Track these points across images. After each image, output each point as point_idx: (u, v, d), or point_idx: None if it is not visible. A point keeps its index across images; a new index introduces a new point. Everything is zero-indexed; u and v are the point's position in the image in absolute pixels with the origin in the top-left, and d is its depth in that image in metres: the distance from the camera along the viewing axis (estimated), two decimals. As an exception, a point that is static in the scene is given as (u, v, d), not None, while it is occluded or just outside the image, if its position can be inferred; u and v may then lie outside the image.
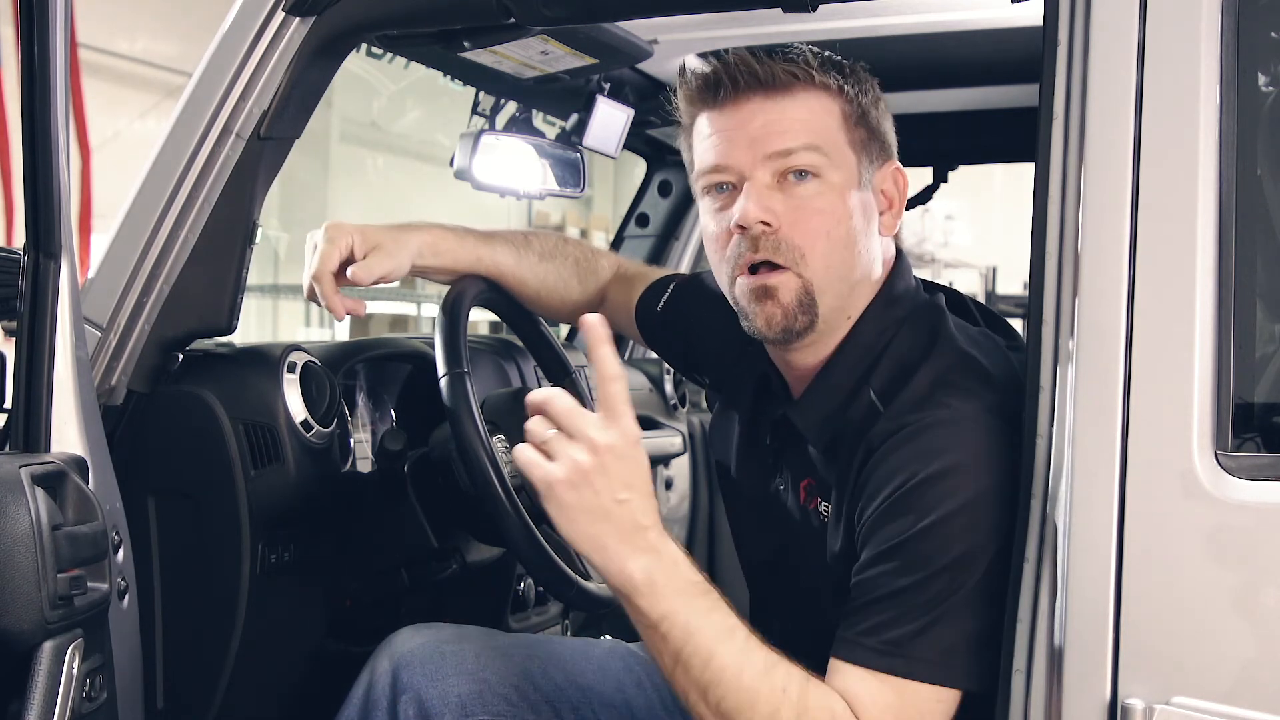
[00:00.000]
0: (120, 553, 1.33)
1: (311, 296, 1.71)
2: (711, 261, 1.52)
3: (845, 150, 1.45)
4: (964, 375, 1.39)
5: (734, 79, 1.44)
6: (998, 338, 1.50)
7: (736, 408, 1.67)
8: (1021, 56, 1.57)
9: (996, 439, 1.31)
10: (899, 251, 1.54)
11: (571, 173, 2.18)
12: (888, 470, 1.34)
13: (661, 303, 1.84)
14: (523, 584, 2.13)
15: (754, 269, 1.44)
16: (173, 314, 1.64)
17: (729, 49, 1.47)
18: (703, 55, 2.18)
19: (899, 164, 1.51)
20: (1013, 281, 9.59)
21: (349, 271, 1.69)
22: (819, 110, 1.44)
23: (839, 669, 1.31)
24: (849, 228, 1.44)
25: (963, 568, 1.28)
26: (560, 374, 2.00)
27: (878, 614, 1.30)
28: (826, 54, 1.47)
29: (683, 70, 1.52)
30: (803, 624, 1.54)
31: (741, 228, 1.43)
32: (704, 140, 1.48)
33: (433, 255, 1.79)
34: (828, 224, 1.43)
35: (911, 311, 1.48)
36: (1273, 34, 1.28)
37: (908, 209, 1.59)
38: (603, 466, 1.24)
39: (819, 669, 1.33)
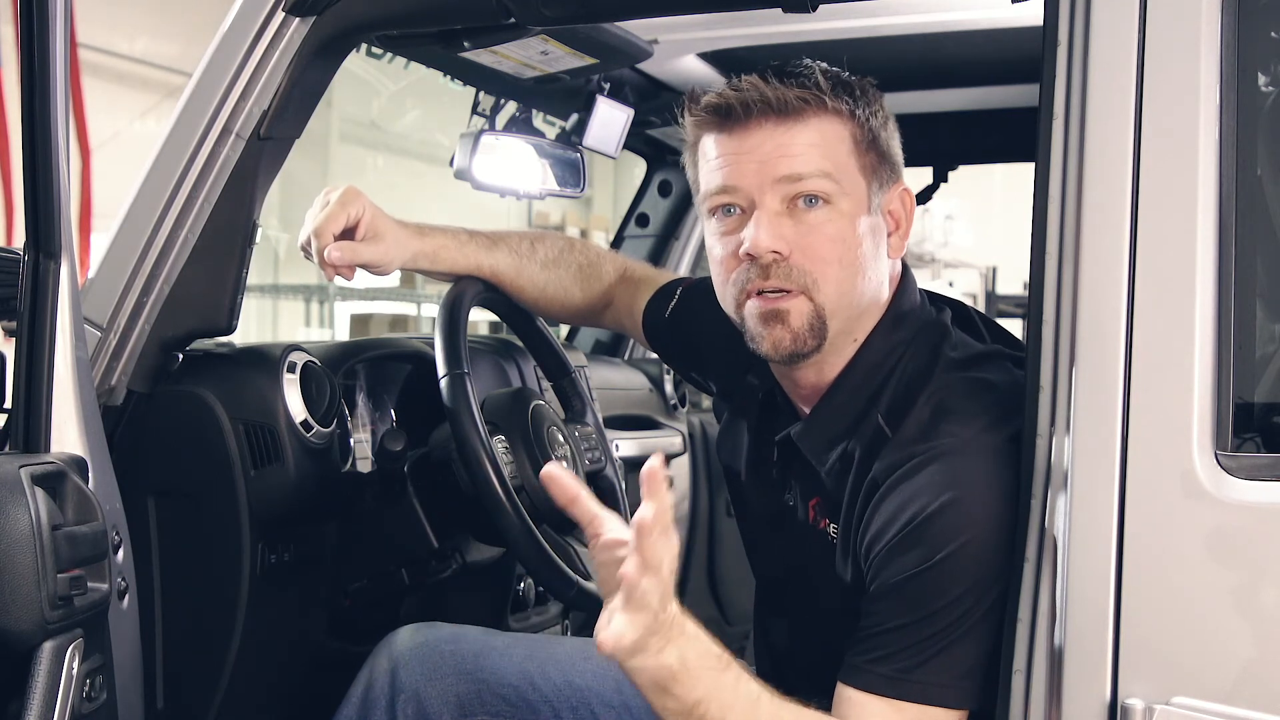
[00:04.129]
0: (120, 553, 1.33)
1: (304, 248, 1.72)
2: (716, 283, 1.49)
3: (856, 176, 1.43)
4: (964, 399, 1.38)
5: (745, 104, 1.41)
6: (1006, 349, 1.49)
7: (745, 418, 1.65)
8: (1021, 56, 1.56)
9: (1001, 464, 1.30)
10: (905, 267, 1.52)
11: (571, 173, 2.17)
12: (895, 505, 1.33)
13: (669, 310, 1.82)
14: (523, 584, 2.13)
15: (763, 290, 1.42)
16: (173, 314, 1.64)
17: (741, 75, 1.44)
18: (707, 56, 2.18)
19: (906, 185, 1.50)
20: (1013, 281, 9.58)
21: (327, 250, 1.68)
22: (830, 136, 1.42)
23: (850, 696, 1.31)
24: (859, 254, 1.42)
25: (973, 597, 1.28)
26: (560, 374, 2.01)
27: (889, 643, 1.30)
28: (837, 73, 1.45)
29: (692, 93, 1.48)
30: (807, 633, 1.54)
31: (751, 256, 1.40)
32: (711, 162, 1.45)
33: (429, 262, 1.80)
34: (839, 251, 1.41)
35: (917, 332, 1.47)
36: (1273, 34, 1.28)
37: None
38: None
39: (819, 678, 1.33)
